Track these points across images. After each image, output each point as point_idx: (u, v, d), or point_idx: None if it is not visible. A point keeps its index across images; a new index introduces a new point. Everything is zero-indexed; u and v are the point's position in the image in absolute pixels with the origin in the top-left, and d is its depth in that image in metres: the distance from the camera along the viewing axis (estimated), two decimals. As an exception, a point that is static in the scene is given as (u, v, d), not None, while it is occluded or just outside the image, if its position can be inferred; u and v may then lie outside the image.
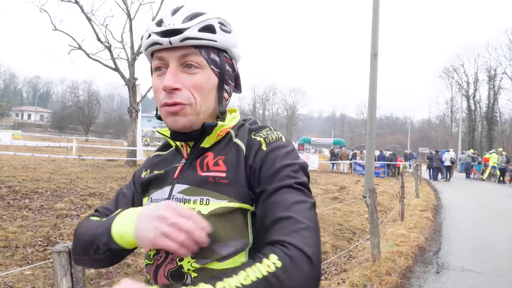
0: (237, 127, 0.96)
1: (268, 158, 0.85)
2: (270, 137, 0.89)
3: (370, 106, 10.22)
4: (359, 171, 21.15)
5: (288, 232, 0.73)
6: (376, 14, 10.04)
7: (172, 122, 0.89)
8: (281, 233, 0.73)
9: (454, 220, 8.55)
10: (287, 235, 0.72)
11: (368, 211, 5.04)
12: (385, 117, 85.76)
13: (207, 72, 0.90)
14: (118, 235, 0.81)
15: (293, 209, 0.77)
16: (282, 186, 0.80)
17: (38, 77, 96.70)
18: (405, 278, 4.48)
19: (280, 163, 0.84)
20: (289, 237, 0.72)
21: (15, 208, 6.20)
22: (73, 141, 23.23)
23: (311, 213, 0.78)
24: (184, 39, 0.86)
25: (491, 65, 46.75)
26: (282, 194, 0.79)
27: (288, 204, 0.77)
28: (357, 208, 8.71)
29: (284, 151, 0.87)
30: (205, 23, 0.88)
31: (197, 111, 0.89)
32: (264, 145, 0.87)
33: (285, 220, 0.75)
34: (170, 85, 0.86)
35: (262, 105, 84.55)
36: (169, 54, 0.88)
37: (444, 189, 15.68)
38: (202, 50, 0.89)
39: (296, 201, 0.78)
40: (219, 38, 0.90)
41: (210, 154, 0.91)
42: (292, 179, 0.82)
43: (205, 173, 0.88)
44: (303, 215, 0.76)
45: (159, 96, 0.90)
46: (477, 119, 48.01)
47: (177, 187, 0.90)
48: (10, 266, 3.87)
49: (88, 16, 16.36)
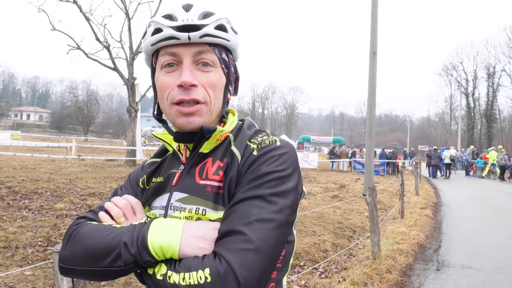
0: (236, 130, 0.94)
1: (255, 163, 0.82)
2: (263, 143, 0.86)
3: (369, 104, 10.21)
4: (359, 169, 21.17)
5: (233, 249, 0.71)
6: (375, 12, 10.03)
7: (186, 123, 0.87)
8: (226, 247, 0.72)
9: (454, 217, 8.56)
10: (230, 251, 0.71)
11: (368, 209, 5.04)
12: (385, 115, 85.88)
13: (219, 70, 0.90)
14: (160, 247, 0.74)
15: (252, 226, 0.73)
16: (252, 196, 0.77)
17: (37, 77, 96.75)
18: (405, 276, 4.48)
19: (266, 169, 0.80)
20: (230, 255, 0.70)
21: (15, 209, 6.19)
22: (72, 141, 23.23)
23: (270, 233, 0.74)
24: (203, 35, 0.85)
25: (490, 63, 46.82)
26: (248, 207, 0.76)
27: (249, 219, 0.74)
28: (357, 206, 8.71)
29: (274, 155, 0.83)
30: (219, 21, 0.88)
31: (211, 110, 0.89)
32: (256, 150, 0.85)
33: (238, 235, 0.72)
34: (189, 81, 0.83)
35: (261, 104, 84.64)
36: (183, 50, 0.86)
37: (444, 186, 15.70)
38: (215, 49, 0.89)
39: (259, 219, 0.74)
40: (231, 38, 0.90)
41: (209, 160, 0.89)
42: (270, 188, 0.77)
43: (204, 181, 0.86)
44: (259, 235, 0.72)
45: (169, 94, 0.86)
46: (476, 117, 48.05)
47: (175, 195, 0.89)
48: (11, 267, 3.87)
49: (86, 16, 16.34)
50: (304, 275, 4.17)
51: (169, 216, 0.87)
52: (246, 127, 0.95)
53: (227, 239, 0.73)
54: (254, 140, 0.89)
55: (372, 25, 10.02)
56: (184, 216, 0.84)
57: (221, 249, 0.72)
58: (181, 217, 0.85)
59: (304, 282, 3.99)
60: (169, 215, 0.87)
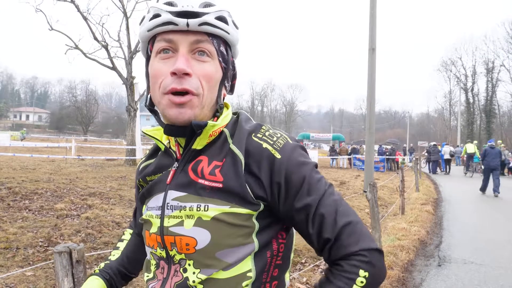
0: (231, 125, 0.89)
1: (289, 169, 0.81)
2: (278, 142, 0.83)
3: (368, 100, 10.19)
4: (359, 166, 21.17)
5: (355, 241, 0.78)
6: (373, 7, 10.00)
7: (177, 114, 0.81)
8: (349, 243, 0.78)
9: (455, 213, 8.56)
10: (355, 244, 0.78)
11: (369, 206, 5.03)
12: (384, 112, 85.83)
13: (215, 63, 0.85)
14: None
15: (342, 212, 0.80)
16: (321, 196, 0.81)
17: (35, 78, 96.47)
18: (407, 272, 4.48)
19: (304, 172, 0.82)
20: (358, 245, 0.78)
21: (15, 209, 6.18)
22: (72, 141, 23.21)
23: (343, 202, 0.83)
24: (202, 23, 0.81)
25: (489, 58, 46.82)
26: (325, 205, 0.80)
27: (333, 214, 0.80)
28: (357, 203, 8.71)
29: (299, 154, 0.84)
30: (220, 13, 0.84)
31: (203, 104, 0.84)
32: (276, 152, 0.81)
33: (345, 227, 0.79)
34: (183, 68, 0.79)
35: (260, 101, 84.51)
36: (181, 37, 0.82)
37: (444, 182, 15.71)
38: (214, 40, 0.84)
39: (336, 204, 0.81)
40: (231, 31, 0.86)
41: (204, 158, 0.85)
42: (320, 182, 0.83)
43: (202, 180, 0.82)
44: (346, 212, 0.81)
45: (162, 82, 0.82)
46: (476, 112, 48.07)
47: (170, 194, 0.85)
48: (12, 267, 3.86)
49: (84, 15, 16.27)
50: (305, 272, 4.16)
51: (166, 216, 0.85)
52: (243, 121, 0.90)
53: (341, 239, 0.79)
54: (262, 137, 0.84)
55: (370, 21, 10.00)
56: (185, 214, 0.82)
57: (347, 249, 0.78)
58: (181, 215, 0.82)
59: (306, 280, 3.99)
60: (166, 215, 0.85)
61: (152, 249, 0.89)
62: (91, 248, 4.61)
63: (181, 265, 0.83)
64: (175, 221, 0.83)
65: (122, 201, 7.49)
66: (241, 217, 0.80)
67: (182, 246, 0.82)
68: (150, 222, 0.89)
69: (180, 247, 0.82)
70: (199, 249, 0.80)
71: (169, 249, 0.84)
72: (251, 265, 0.82)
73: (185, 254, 0.82)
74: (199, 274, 0.81)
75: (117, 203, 7.26)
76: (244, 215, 0.80)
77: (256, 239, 0.82)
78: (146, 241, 0.92)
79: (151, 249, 0.90)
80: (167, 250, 0.85)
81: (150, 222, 0.89)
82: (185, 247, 0.81)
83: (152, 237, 0.88)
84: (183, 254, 0.82)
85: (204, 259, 0.81)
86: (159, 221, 0.86)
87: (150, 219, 0.89)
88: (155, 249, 0.88)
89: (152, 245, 0.89)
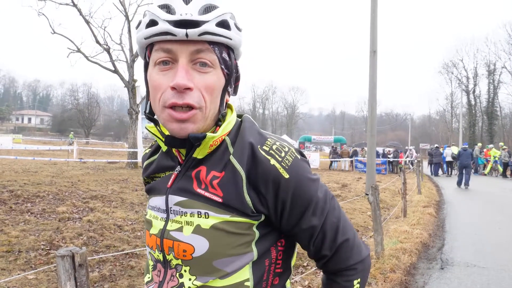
0: (233, 132, 0.85)
1: (296, 189, 0.80)
2: (286, 160, 0.80)
3: (370, 103, 10.19)
4: (360, 168, 21.12)
5: (350, 256, 0.87)
6: (374, 10, 10.02)
7: (178, 130, 0.78)
8: (345, 258, 0.87)
9: (457, 215, 8.53)
10: (350, 259, 0.87)
11: (371, 208, 5.02)
12: (385, 114, 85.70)
13: (218, 72, 0.80)
14: None
15: (342, 231, 0.87)
16: (325, 216, 0.85)
17: (37, 81, 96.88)
18: (409, 275, 4.46)
19: (311, 192, 0.83)
20: (352, 259, 0.87)
21: (17, 213, 6.19)
22: (73, 144, 23.23)
23: (342, 217, 0.88)
24: (203, 33, 0.76)
25: (490, 60, 46.62)
26: (328, 224, 0.85)
27: (334, 234, 0.86)
28: (359, 206, 8.69)
29: (307, 171, 0.84)
30: (221, 18, 0.78)
31: (205, 117, 0.80)
32: (285, 172, 0.79)
33: (343, 244, 0.87)
34: (184, 83, 0.75)
35: (262, 104, 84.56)
36: (180, 47, 0.77)
37: (446, 184, 15.66)
38: (215, 47, 0.79)
39: (338, 221, 0.87)
40: (233, 36, 0.81)
41: (203, 168, 0.83)
42: (325, 201, 0.85)
43: (201, 191, 0.81)
44: (344, 229, 0.87)
45: (161, 95, 0.78)
46: (478, 114, 47.90)
47: (172, 198, 0.84)
48: (14, 271, 3.86)
49: (86, 19, 16.35)
50: (307, 275, 4.15)
51: (171, 220, 0.84)
52: (246, 128, 0.85)
53: (337, 255, 0.87)
54: (267, 148, 0.81)
55: (372, 23, 10.01)
56: (185, 221, 0.81)
57: (343, 263, 0.88)
58: (181, 221, 0.82)
59: (308, 283, 3.97)
60: (170, 219, 0.84)
61: (151, 250, 0.90)
62: (93, 251, 4.61)
63: (178, 270, 0.83)
64: (175, 226, 0.83)
65: (124, 204, 7.49)
66: (242, 226, 0.80)
67: (180, 252, 0.81)
68: (152, 223, 0.89)
69: (177, 253, 0.82)
70: (196, 257, 0.80)
71: (167, 253, 0.84)
72: (249, 274, 0.81)
73: (182, 260, 0.82)
74: (195, 281, 0.80)
75: (119, 206, 7.26)
76: (245, 223, 0.80)
77: (255, 247, 0.82)
78: (146, 241, 0.92)
79: (150, 250, 0.90)
80: (164, 254, 0.85)
81: (152, 222, 0.89)
82: (182, 253, 0.81)
83: (152, 238, 0.88)
84: (180, 260, 0.82)
85: (201, 266, 0.80)
86: (162, 224, 0.86)
87: (153, 220, 0.89)
88: (153, 250, 0.88)
89: (151, 246, 0.89)
